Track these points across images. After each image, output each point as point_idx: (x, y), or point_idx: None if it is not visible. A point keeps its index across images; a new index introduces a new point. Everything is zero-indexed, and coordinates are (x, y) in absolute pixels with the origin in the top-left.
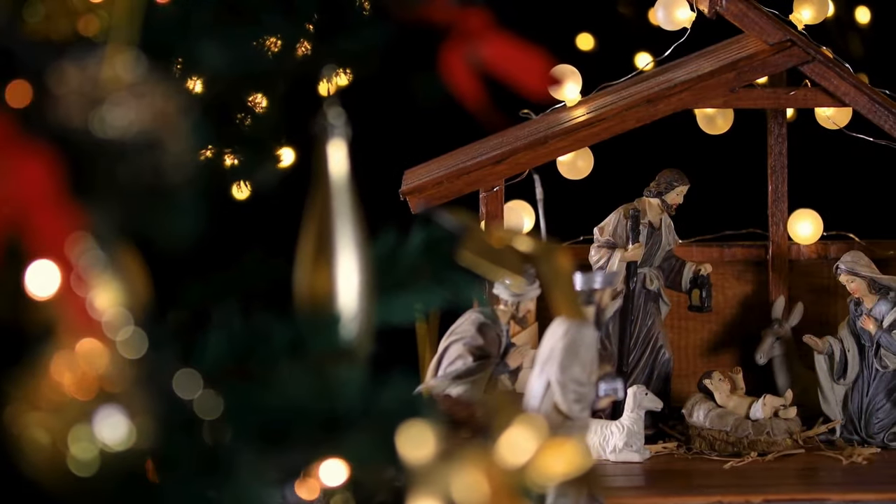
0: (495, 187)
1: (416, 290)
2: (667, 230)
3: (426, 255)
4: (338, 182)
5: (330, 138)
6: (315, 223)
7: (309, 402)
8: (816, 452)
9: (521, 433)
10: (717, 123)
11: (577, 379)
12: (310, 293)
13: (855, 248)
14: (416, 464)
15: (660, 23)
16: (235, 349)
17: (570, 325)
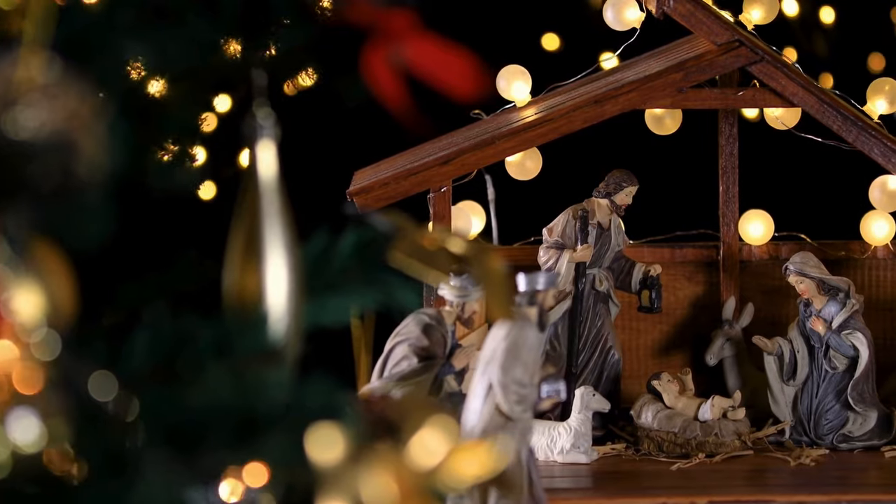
0: (443, 188)
1: (348, 291)
2: (616, 231)
3: (358, 256)
4: (267, 183)
5: (259, 139)
6: (244, 224)
7: (228, 404)
8: (765, 454)
9: (432, 435)
10: (666, 124)
11: (519, 380)
12: (238, 294)
13: (806, 248)
14: (326, 465)
15: (609, 23)
16: (161, 350)
17: (513, 326)
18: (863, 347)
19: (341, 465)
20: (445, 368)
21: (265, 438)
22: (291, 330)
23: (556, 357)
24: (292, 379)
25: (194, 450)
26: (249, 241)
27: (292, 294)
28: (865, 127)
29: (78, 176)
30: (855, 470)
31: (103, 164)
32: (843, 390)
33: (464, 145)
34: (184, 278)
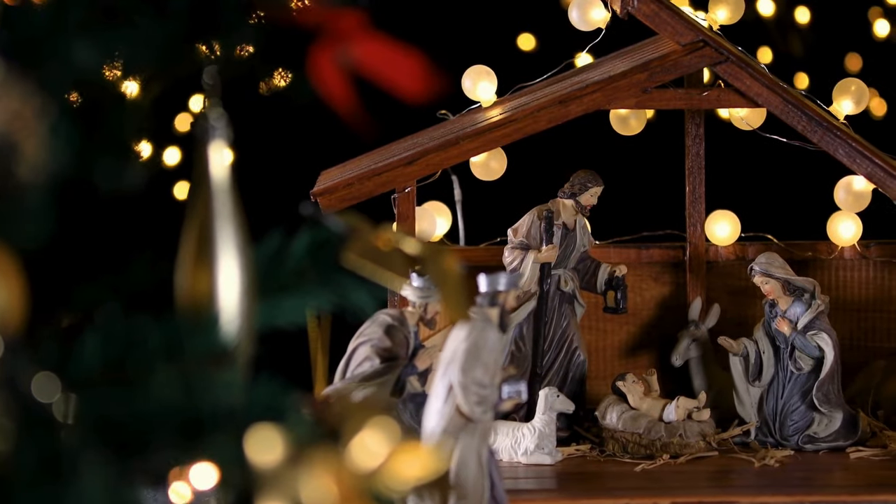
0: (407, 188)
1: (302, 292)
2: (581, 231)
3: (311, 257)
4: (219, 183)
5: (211, 140)
6: (196, 225)
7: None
8: (730, 455)
9: (372, 437)
10: (631, 124)
11: (480, 381)
12: (190, 295)
13: (772, 249)
14: (265, 467)
15: (574, 23)
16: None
17: (473, 327)
18: (828, 348)
19: (281, 467)
20: (408, 369)
21: (212, 439)
22: (243, 331)
23: (522, 358)
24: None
25: (141, 451)
26: (201, 242)
27: (244, 295)
28: (830, 127)
29: (19, 176)
30: (820, 471)
31: (45, 164)
32: (809, 391)
33: (428, 146)
34: (140, 279)
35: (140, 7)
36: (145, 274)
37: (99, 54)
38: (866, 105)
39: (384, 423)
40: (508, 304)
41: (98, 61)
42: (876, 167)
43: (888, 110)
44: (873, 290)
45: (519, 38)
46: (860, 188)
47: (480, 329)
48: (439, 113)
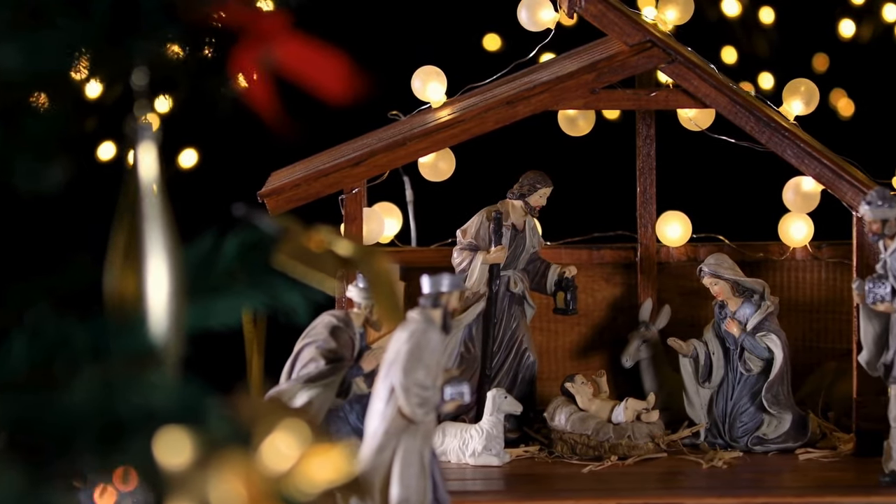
0: (354, 189)
1: (234, 293)
2: (531, 232)
3: (243, 259)
4: (148, 185)
5: (140, 141)
6: (125, 226)
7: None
8: (679, 456)
9: (283, 440)
10: (579, 125)
11: (421, 383)
12: (119, 296)
13: (724, 250)
14: (175, 469)
15: (523, 24)
16: (39, 353)
17: (416, 328)
18: (777, 349)
19: (190, 469)
20: (354, 370)
21: (132, 442)
22: (172, 332)
23: (471, 359)
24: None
25: (62, 453)
26: (130, 243)
27: (173, 296)
28: (778, 128)
29: None
30: (768, 472)
31: None
32: (759, 393)
33: (375, 147)
34: (75, 280)
35: (63, 9)
36: (81, 275)
37: (22, 56)
38: (816, 106)
39: (295, 426)
40: (451, 306)
41: (21, 63)
42: (824, 168)
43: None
44: (825, 291)
45: (484, 38)
46: (809, 189)
47: (422, 330)
48: (390, 113)
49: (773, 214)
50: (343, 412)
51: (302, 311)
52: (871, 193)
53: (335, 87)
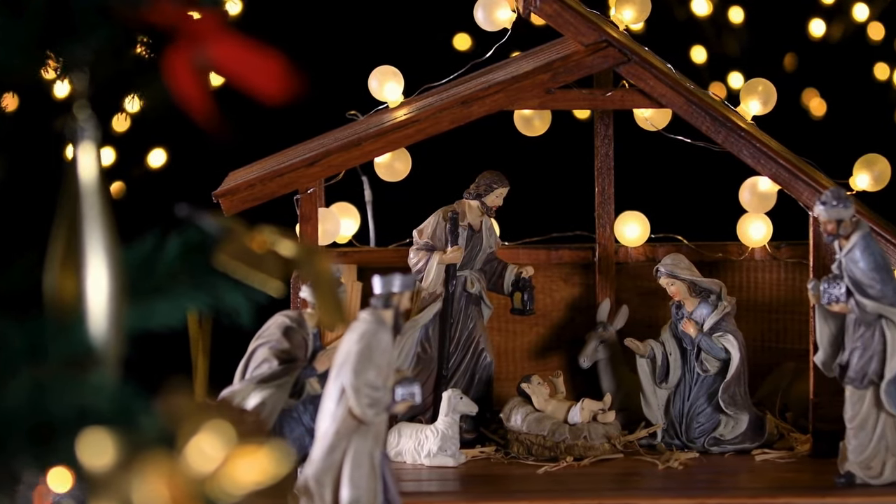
0: (309, 189)
1: (176, 294)
2: (488, 232)
3: (184, 259)
4: (87, 185)
5: (79, 141)
6: (64, 227)
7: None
8: (635, 457)
9: (207, 441)
10: (535, 125)
11: (372, 383)
12: (58, 297)
13: (682, 250)
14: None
15: (480, 23)
16: None
17: (366, 328)
18: (734, 350)
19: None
20: (307, 371)
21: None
22: (111, 333)
23: (427, 360)
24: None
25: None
26: (69, 244)
27: (113, 297)
28: (735, 128)
29: None
30: (724, 473)
31: None
32: (715, 393)
33: (330, 147)
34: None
35: None
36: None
37: None
38: (774, 105)
39: (220, 428)
40: (403, 306)
41: None
42: (780, 168)
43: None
44: (784, 291)
45: (455, 38)
46: (765, 189)
47: (373, 331)
48: (348, 113)
49: (731, 214)
50: (297, 412)
51: (244, 312)
52: (825, 193)
53: (270, 87)
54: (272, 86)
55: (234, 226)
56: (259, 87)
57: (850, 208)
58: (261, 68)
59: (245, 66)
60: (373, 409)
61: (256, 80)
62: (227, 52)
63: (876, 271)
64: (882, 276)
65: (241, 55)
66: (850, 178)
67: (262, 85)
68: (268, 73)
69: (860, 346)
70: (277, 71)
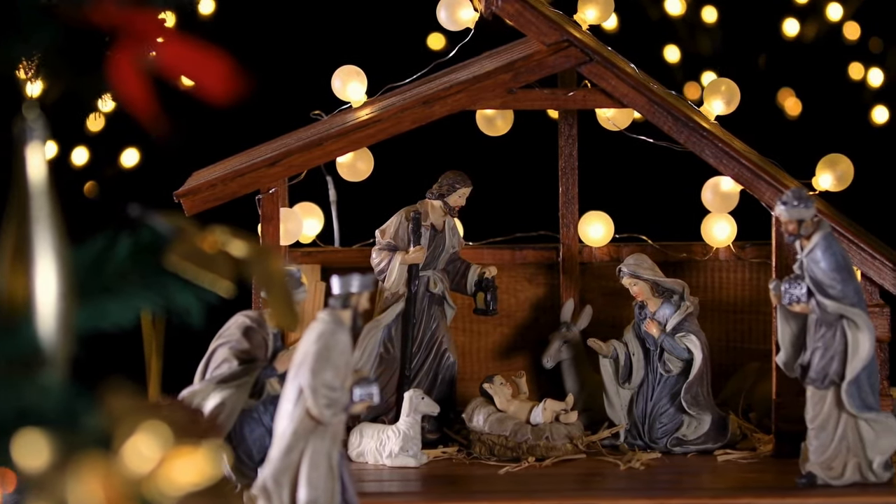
0: (271, 189)
1: (126, 294)
2: (451, 232)
3: (135, 259)
4: (36, 185)
5: (28, 141)
6: (13, 227)
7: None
8: (597, 457)
9: (143, 442)
10: (497, 125)
11: (329, 384)
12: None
13: (647, 250)
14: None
15: (443, 23)
16: None
17: (324, 329)
18: (696, 350)
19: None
20: (268, 371)
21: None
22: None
23: (390, 360)
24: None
25: None
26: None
27: (62, 297)
28: (697, 128)
29: None
30: (686, 474)
31: None
32: (678, 393)
33: (292, 146)
34: None
35: None
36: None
37: None
38: (737, 105)
39: (157, 428)
40: (361, 306)
41: None
42: (743, 168)
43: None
44: (749, 292)
45: (429, 37)
46: (728, 189)
47: (331, 331)
48: (312, 113)
49: (696, 214)
50: (257, 413)
51: (195, 312)
52: (787, 193)
53: (215, 88)
54: (217, 86)
55: (186, 226)
56: (204, 88)
57: (812, 208)
58: (206, 69)
59: (190, 66)
60: (330, 410)
61: (201, 81)
62: (172, 53)
63: (837, 271)
64: (843, 277)
65: (186, 56)
66: (813, 179)
67: (207, 85)
68: (213, 74)
69: (821, 347)
70: (222, 71)
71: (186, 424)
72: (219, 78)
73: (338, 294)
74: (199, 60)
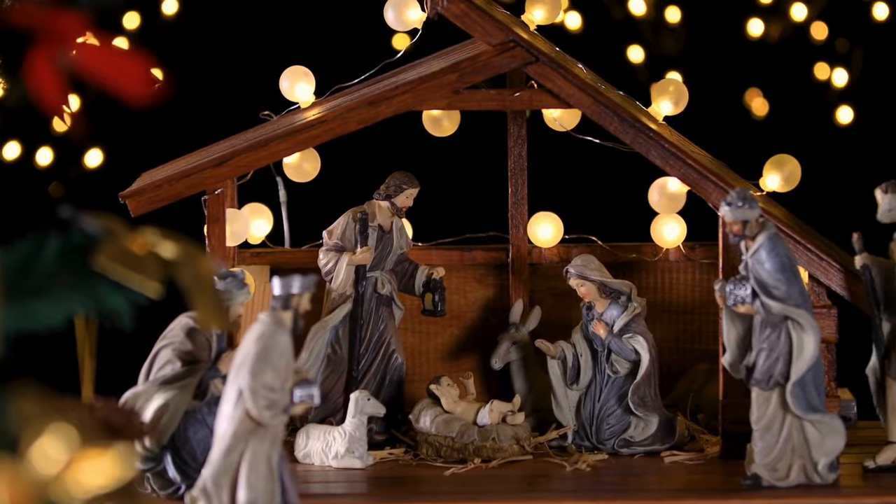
0: (217, 190)
1: (55, 296)
2: (398, 233)
3: (64, 261)
4: None
5: None
6: None
7: None
8: (544, 459)
9: (51, 444)
10: (444, 126)
11: (269, 385)
12: None
13: (596, 251)
14: None
15: (390, 23)
16: None
17: (265, 330)
18: (644, 351)
19: None
20: (211, 372)
21: None
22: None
23: (338, 361)
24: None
25: None
26: None
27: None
28: (643, 128)
29: None
30: (633, 475)
31: None
32: (626, 395)
33: (238, 147)
34: None
35: None
36: None
37: None
38: (685, 105)
39: (64, 431)
40: (302, 307)
41: None
42: (689, 169)
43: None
44: (699, 293)
45: (393, 38)
46: (674, 190)
47: (271, 333)
48: (262, 114)
49: (646, 215)
50: (201, 414)
51: (125, 314)
52: (731, 194)
53: (135, 89)
54: (137, 87)
55: (115, 227)
56: (123, 89)
57: (756, 209)
58: (125, 70)
59: (109, 67)
60: (270, 411)
61: (121, 82)
62: (91, 54)
63: (781, 272)
64: (787, 278)
65: (105, 57)
66: (760, 179)
67: (127, 86)
68: (132, 75)
69: (766, 348)
70: (142, 73)
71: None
72: (138, 79)
73: (278, 295)
74: (118, 62)
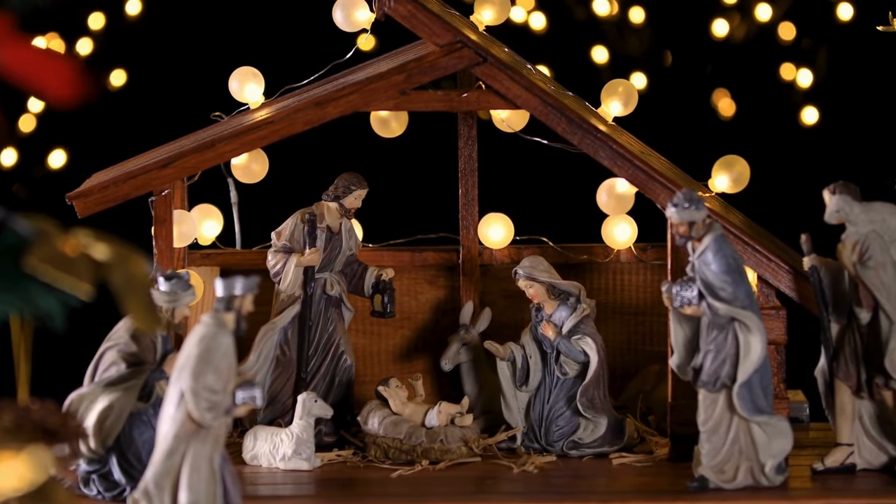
0: (164, 191)
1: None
2: (347, 234)
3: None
4: None
5: None
6: None
7: None
8: (492, 461)
9: None
10: (391, 126)
11: (211, 387)
12: None
13: (548, 252)
14: None
15: (339, 24)
16: None
17: (206, 332)
18: (592, 353)
19: None
20: (156, 374)
21: None
22: None
23: (287, 362)
24: None
25: None
26: None
27: None
28: (591, 129)
29: None
30: (581, 477)
31: None
32: (575, 396)
33: (184, 148)
34: None
35: None
36: None
37: None
38: (635, 106)
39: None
40: (245, 309)
41: None
42: (637, 170)
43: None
44: (650, 294)
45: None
46: (623, 191)
47: (213, 334)
48: (213, 115)
49: (597, 216)
50: (146, 416)
51: (57, 316)
52: (677, 195)
53: (58, 90)
54: (60, 88)
55: (48, 228)
56: (46, 90)
57: (703, 210)
58: (48, 71)
59: (32, 68)
60: (211, 413)
61: (44, 83)
62: (13, 55)
63: (728, 274)
64: (734, 279)
65: (28, 58)
66: (709, 180)
67: (50, 87)
68: (55, 76)
69: (713, 350)
70: (65, 74)
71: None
72: (61, 80)
73: (221, 297)
74: (41, 63)
